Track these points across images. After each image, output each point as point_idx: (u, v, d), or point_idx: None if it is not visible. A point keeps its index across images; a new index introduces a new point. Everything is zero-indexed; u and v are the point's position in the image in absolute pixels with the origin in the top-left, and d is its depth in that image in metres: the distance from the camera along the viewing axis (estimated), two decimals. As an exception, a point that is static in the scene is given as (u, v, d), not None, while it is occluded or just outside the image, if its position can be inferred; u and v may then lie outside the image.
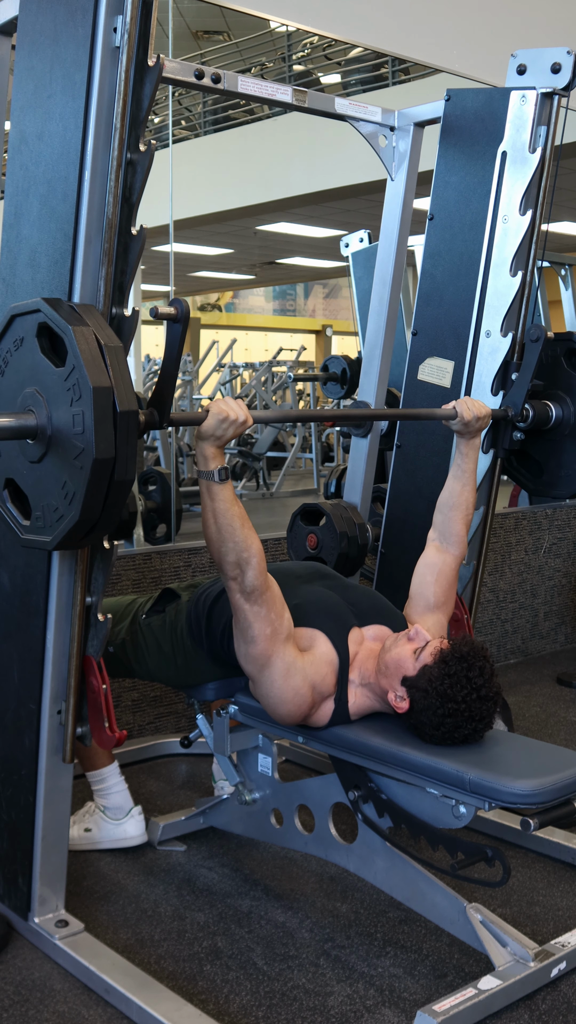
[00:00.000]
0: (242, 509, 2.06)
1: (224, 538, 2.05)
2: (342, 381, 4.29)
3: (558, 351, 2.78)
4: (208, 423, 2.01)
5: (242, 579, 2.07)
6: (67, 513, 1.79)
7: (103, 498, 1.78)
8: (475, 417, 2.44)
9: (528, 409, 2.71)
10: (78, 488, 1.76)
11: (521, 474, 2.94)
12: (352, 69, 8.75)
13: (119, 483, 1.78)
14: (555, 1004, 2.04)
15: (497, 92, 2.69)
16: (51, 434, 1.80)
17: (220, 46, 10.09)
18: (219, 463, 2.04)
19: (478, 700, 2.07)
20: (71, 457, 1.77)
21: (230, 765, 2.51)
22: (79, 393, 1.73)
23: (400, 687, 2.12)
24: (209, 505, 2.05)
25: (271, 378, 11.35)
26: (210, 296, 18.60)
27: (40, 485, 1.86)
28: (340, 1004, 2.04)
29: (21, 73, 2.03)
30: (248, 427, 2.05)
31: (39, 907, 2.24)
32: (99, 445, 1.72)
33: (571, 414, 2.76)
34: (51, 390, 1.80)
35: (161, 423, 1.93)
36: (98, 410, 1.71)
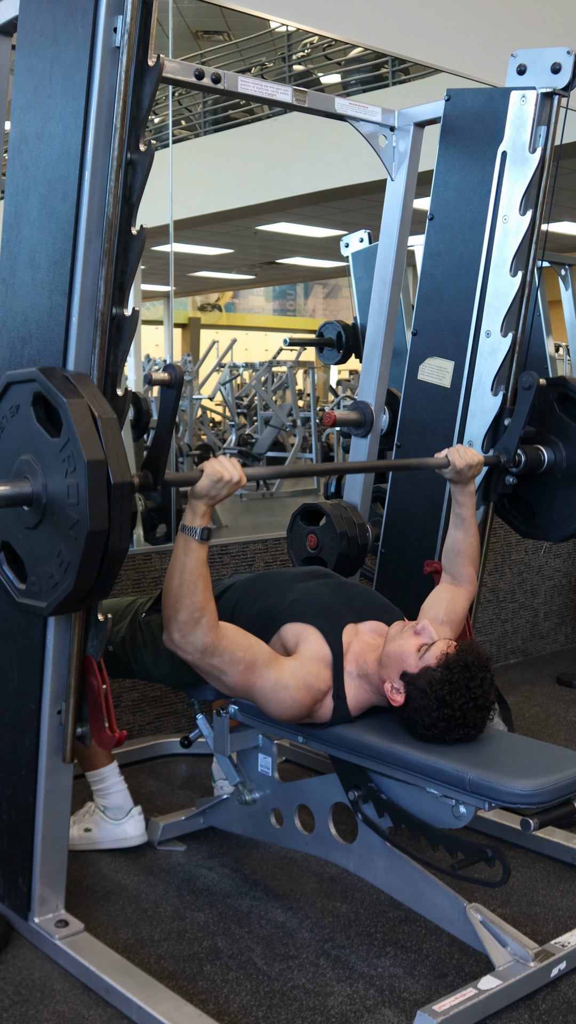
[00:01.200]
0: (208, 573, 2.08)
1: (183, 595, 2.05)
2: (338, 346, 4.30)
3: (551, 396, 2.82)
4: (202, 484, 2.03)
5: (191, 638, 2.06)
6: (62, 582, 1.82)
7: (97, 568, 1.80)
8: (467, 465, 2.46)
9: (520, 455, 2.75)
10: (73, 558, 1.78)
11: (514, 516, 2.98)
12: (352, 69, 8.75)
13: (113, 553, 1.80)
14: (555, 1004, 2.04)
15: (497, 92, 2.69)
16: (46, 502, 1.83)
17: (220, 46, 10.09)
18: (206, 522, 2.06)
19: (474, 709, 2.07)
20: (66, 527, 1.79)
21: (230, 765, 2.51)
22: (74, 465, 1.75)
23: (398, 680, 2.12)
24: (181, 559, 2.05)
25: (271, 378, 11.35)
26: (210, 296, 18.60)
27: (36, 551, 1.88)
28: (340, 1004, 2.04)
29: (21, 73, 2.03)
30: (242, 486, 2.08)
31: (39, 907, 2.24)
32: (93, 517, 1.75)
33: (563, 458, 2.80)
34: (46, 459, 1.82)
35: (155, 486, 1.96)
36: (92, 482, 1.74)
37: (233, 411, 10.79)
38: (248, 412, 11.24)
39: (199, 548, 2.05)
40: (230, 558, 3.62)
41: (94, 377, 1.94)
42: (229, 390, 10.88)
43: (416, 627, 2.15)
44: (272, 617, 2.29)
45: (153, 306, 11.20)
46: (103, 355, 1.94)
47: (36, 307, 2.01)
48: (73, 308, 1.93)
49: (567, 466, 2.79)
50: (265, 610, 2.32)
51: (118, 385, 1.96)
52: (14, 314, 2.08)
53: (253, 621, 2.32)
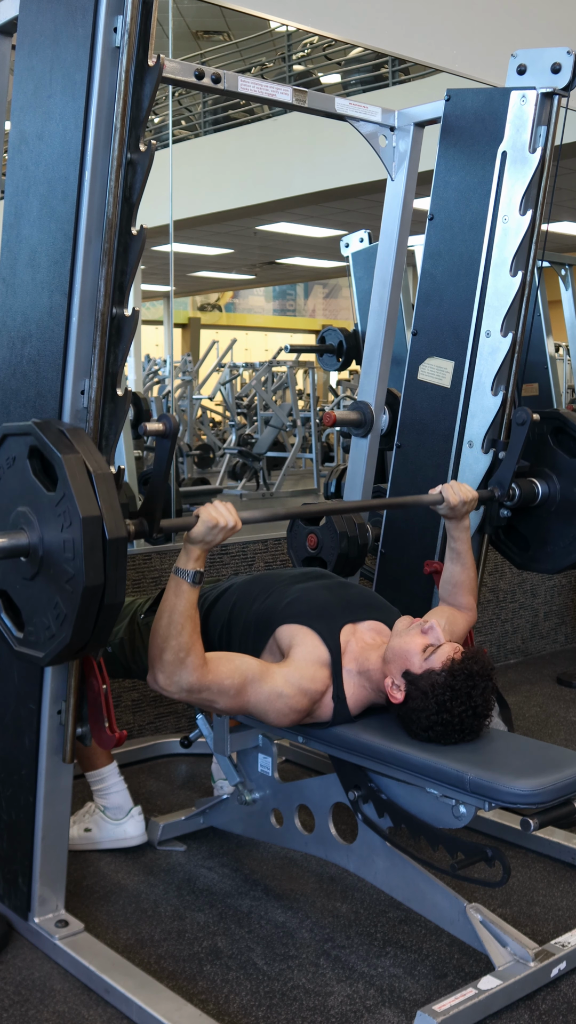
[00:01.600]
0: (196, 616, 2.08)
1: (170, 635, 2.05)
2: (338, 353, 4.30)
3: (545, 429, 2.84)
4: (198, 530, 2.04)
5: (176, 678, 2.06)
6: (59, 634, 1.84)
7: (94, 621, 1.82)
8: (461, 501, 2.47)
9: (515, 488, 2.76)
10: (69, 611, 1.80)
11: (508, 547, 3.00)
12: (352, 69, 8.75)
13: (109, 606, 1.82)
14: (555, 1004, 2.04)
15: (497, 92, 2.69)
16: (43, 555, 1.84)
17: (220, 46, 10.09)
18: (199, 566, 2.07)
19: (472, 717, 2.08)
20: (62, 580, 1.81)
21: (230, 765, 2.51)
22: (69, 520, 1.77)
23: (400, 678, 2.12)
24: (171, 601, 2.06)
25: (271, 378, 11.35)
26: (210, 296, 18.59)
27: (33, 602, 1.90)
28: (340, 1004, 2.04)
29: (21, 73, 2.03)
30: (237, 531, 2.09)
31: (39, 907, 2.24)
32: (89, 572, 1.77)
33: (557, 491, 2.82)
34: (43, 512, 1.84)
35: (151, 533, 1.98)
36: (88, 538, 1.76)
37: (233, 411, 10.79)
38: (248, 412, 11.24)
39: (190, 591, 2.06)
40: (230, 558, 3.62)
41: (94, 377, 1.94)
42: (229, 390, 10.88)
43: (424, 626, 2.15)
44: (269, 618, 2.29)
45: (153, 306, 11.21)
46: (103, 355, 1.94)
47: (36, 307, 2.01)
48: (73, 308, 1.93)
49: (561, 499, 2.82)
50: (262, 611, 2.32)
51: (118, 385, 1.96)
52: (14, 314, 2.08)
53: (251, 622, 2.32)
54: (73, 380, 1.95)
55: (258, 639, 2.29)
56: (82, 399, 1.97)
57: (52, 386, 1.98)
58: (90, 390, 1.95)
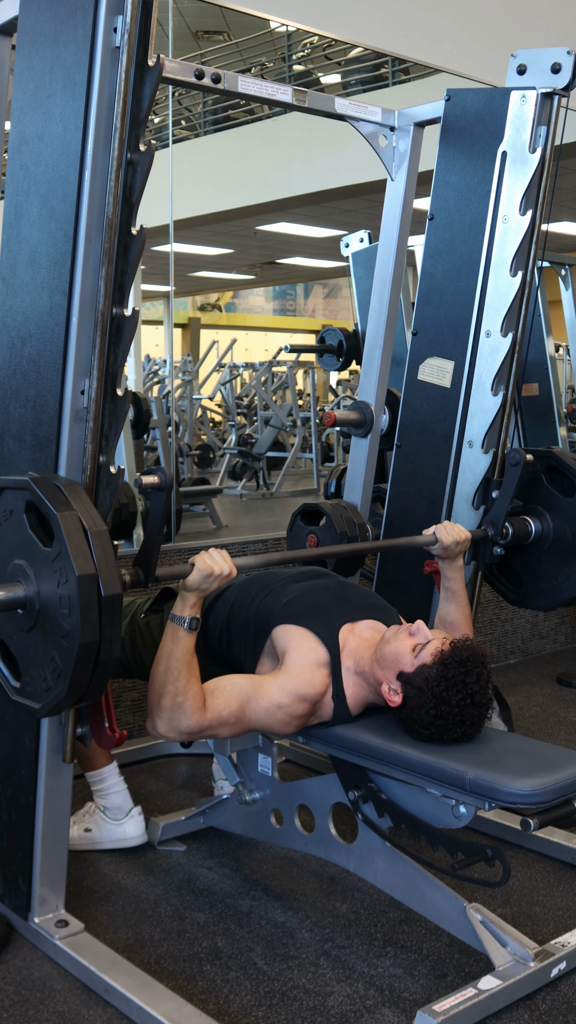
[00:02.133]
0: (194, 661, 2.09)
1: (167, 681, 2.07)
2: (338, 353, 4.31)
3: (538, 468, 2.86)
4: (193, 578, 2.06)
5: (175, 724, 2.08)
6: (55, 687, 1.85)
7: (89, 676, 1.84)
8: (455, 542, 2.48)
9: (508, 527, 2.78)
10: (65, 666, 1.81)
11: (502, 584, 3.01)
12: (352, 69, 8.74)
13: (104, 662, 1.84)
14: (555, 1004, 2.04)
15: (497, 92, 2.69)
16: (39, 608, 1.86)
17: (220, 46, 10.08)
18: (195, 613, 2.09)
19: (471, 706, 2.08)
20: (58, 635, 1.82)
21: (230, 765, 2.51)
22: (66, 577, 1.79)
23: (395, 681, 2.13)
24: (168, 648, 2.08)
25: (271, 378, 11.35)
26: (210, 296, 18.59)
27: (30, 653, 1.91)
28: (340, 1004, 2.04)
29: (21, 73, 2.03)
30: (232, 578, 2.10)
31: (39, 907, 2.24)
32: (84, 629, 1.78)
33: (550, 529, 2.84)
34: (39, 567, 1.85)
35: (146, 583, 2.00)
36: (83, 596, 1.77)
37: (233, 411, 10.79)
38: (248, 412, 11.24)
39: (187, 637, 2.08)
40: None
41: (94, 377, 1.94)
42: (229, 390, 10.88)
43: (411, 628, 2.16)
44: (266, 618, 2.29)
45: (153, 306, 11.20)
46: (103, 355, 1.94)
47: (36, 307, 2.01)
48: (73, 308, 1.93)
49: (554, 537, 2.84)
50: (260, 611, 2.32)
51: (118, 385, 1.97)
52: (14, 314, 2.08)
53: (249, 621, 2.32)
54: (73, 380, 1.95)
55: (257, 639, 2.30)
56: (82, 399, 1.97)
57: (52, 386, 1.99)
58: (90, 390, 1.95)
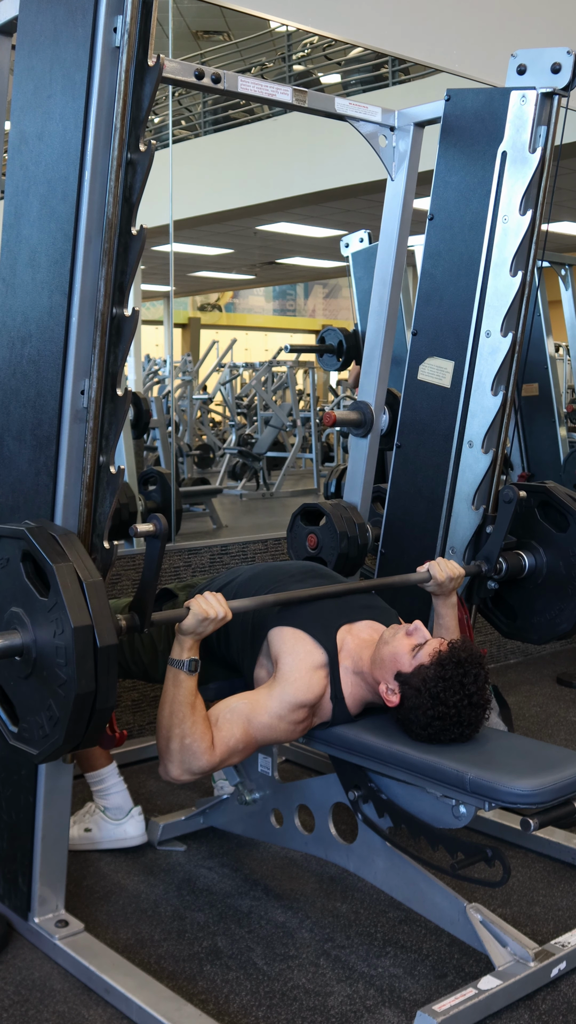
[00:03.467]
0: (201, 704, 2.10)
1: (174, 724, 2.08)
2: (338, 353, 4.31)
3: (532, 503, 2.86)
4: (188, 622, 2.07)
5: (187, 766, 2.08)
6: (52, 735, 1.87)
7: (85, 725, 1.85)
8: (448, 578, 2.48)
9: (502, 563, 2.79)
10: (62, 715, 1.83)
11: (496, 617, 3.01)
12: (352, 69, 8.74)
13: (101, 711, 1.85)
14: (555, 1004, 2.04)
15: (497, 92, 2.69)
16: (35, 656, 1.87)
17: (220, 46, 10.08)
18: (192, 655, 2.10)
19: (469, 707, 2.08)
20: (55, 684, 1.83)
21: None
22: (62, 628, 1.80)
23: (393, 681, 2.13)
24: (171, 692, 2.09)
25: (271, 378, 11.34)
26: (210, 296, 18.59)
27: (27, 700, 1.92)
28: (340, 1004, 2.04)
29: (21, 73, 2.03)
30: (227, 621, 2.11)
31: (39, 907, 2.24)
32: (81, 679, 1.79)
33: (544, 564, 2.84)
34: (36, 616, 1.87)
35: (142, 628, 2.02)
36: (79, 647, 1.78)
37: (233, 411, 10.79)
38: (248, 412, 11.24)
39: (188, 679, 2.09)
40: (230, 558, 3.62)
41: (94, 377, 1.94)
42: (229, 390, 10.88)
43: (408, 628, 2.16)
44: (263, 621, 2.30)
45: (153, 306, 11.20)
46: (103, 355, 1.95)
47: (36, 307, 2.01)
48: (73, 308, 1.93)
49: (548, 571, 2.84)
50: (258, 612, 2.31)
51: (118, 385, 1.97)
52: (14, 314, 2.08)
53: (247, 623, 2.33)
54: (73, 380, 1.96)
55: (254, 642, 2.30)
56: (82, 399, 1.97)
57: (52, 386, 1.99)
58: (90, 390, 1.95)
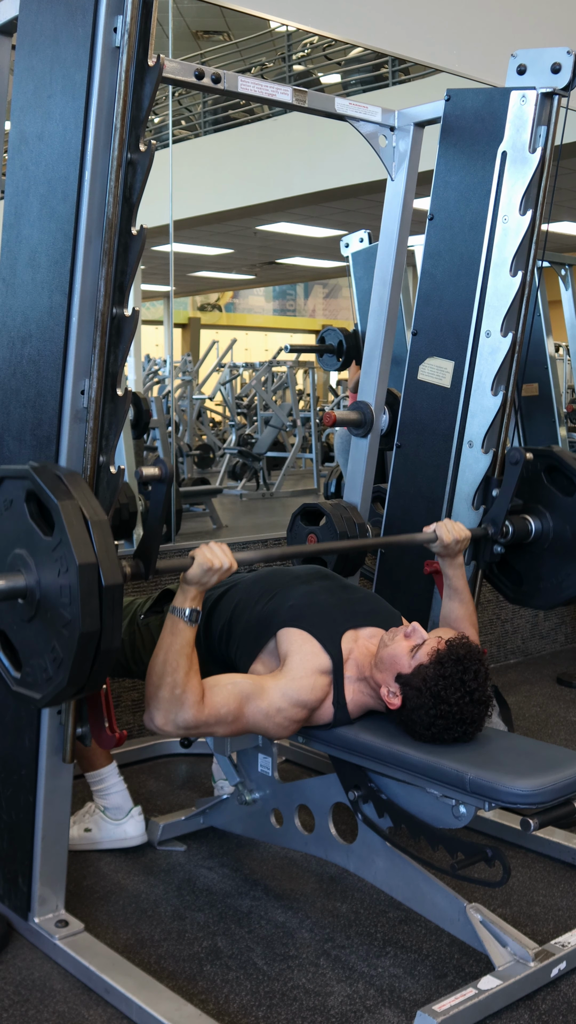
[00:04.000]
0: (193, 654, 2.08)
1: (166, 672, 2.06)
2: (338, 353, 4.32)
3: (538, 467, 2.85)
4: (193, 571, 2.06)
5: (172, 717, 2.07)
6: (55, 677, 1.85)
7: (90, 666, 1.83)
8: (455, 540, 2.47)
9: (508, 526, 2.78)
10: (66, 656, 1.81)
11: (502, 583, 3.01)
12: (352, 69, 8.74)
13: (105, 651, 1.83)
14: (555, 1004, 2.04)
15: (497, 92, 2.69)
16: (39, 598, 1.85)
17: (220, 46, 10.08)
18: (195, 605, 2.08)
19: (471, 704, 2.08)
20: (59, 624, 1.82)
21: (230, 765, 2.51)
22: (66, 566, 1.78)
23: (393, 683, 2.13)
24: (168, 640, 2.08)
25: (271, 378, 11.34)
26: (210, 296, 18.59)
27: (31, 643, 1.91)
28: (340, 1004, 2.04)
29: (21, 73, 2.03)
30: (232, 572, 2.09)
31: (39, 907, 2.24)
32: (85, 619, 1.77)
33: (550, 528, 2.83)
34: (40, 556, 1.85)
35: (147, 575, 2.00)
36: (84, 585, 1.77)
37: (233, 411, 10.79)
38: (248, 412, 11.24)
39: (187, 629, 2.07)
40: (230, 558, 3.61)
41: (94, 377, 1.94)
42: (229, 390, 10.88)
43: (406, 630, 2.16)
44: (269, 621, 2.29)
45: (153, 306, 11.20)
46: (103, 355, 1.94)
47: (36, 307, 2.01)
48: (73, 308, 1.93)
49: (554, 536, 2.83)
50: (264, 613, 2.32)
51: (118, 385, 1.97)
52: (14, 314, 2.08)
53: (252, 623, 2.32)
54: (73, 380, 1.95)
55: (258, 640, 2.30)
56: (82, 399, 1.97)
57: (52, 386, 1.99)
58: (90, 390, 1.95)
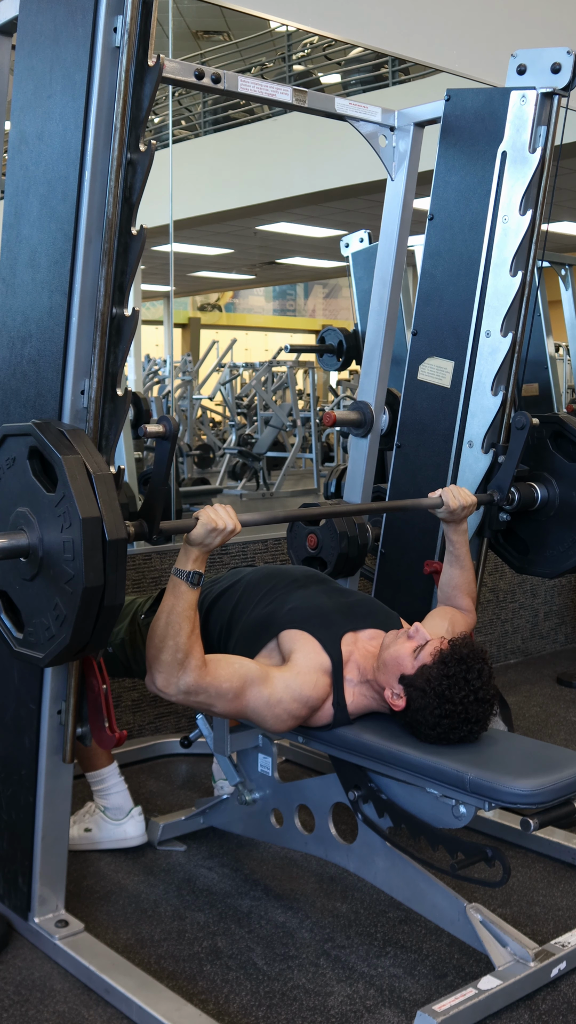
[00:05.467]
0: (195, 617, 2.07)
1: (168, 635, 2.05)
2: (338, 353, 4.32)
3: (544, 433, 2.84)
4: (197, 532, 2.04)
5: (174, 679, 2.05)
6: (58, 635, 1.84)
7: (93, 622, 1.82)
8: (461, 506, 2.48)
9: (514, 492, 2.77)
10: (69, 612, 1.80)
11: (507, 551, 3.00)
12: (352, 69, 8.75)
13: (108, 608, 1.82)
14: (555, 1004, 2.04)
15: (497, 92, 2.69)
16: (42, 555, 1.85)
17: (220, 46, 10.08)
18: (198, 567, 2.07)
19: (475, 703, 2.07)
20: (62, 581, 1.81)
21: (230, 765, 2.51)
22: (69, 521, 1.78)
23: (397, 685, 2.13)
24: (170, 602, 2.07)
25: (271, 378, 11.34)
26: (210, 296, 18.59)
27: (33, 603, 1.90)
28: (340, 1004, 2.04)
29: (21, 73, 2.03)
30: (236, 534, 2.08)
31: (39, 907, 2.24)
32: (88, 573, 1.77)
33: (556, 495, 2.82)
34: (42, 513, 1.84)
35: (151, 535, 1.98)
36: (87, 539, 1.76)
37: (233, 411, 10.80)
38: (248, 412, 11.24)
39: (189, 592, 2.06)
40: (230, 558, 3.62)
41: (94, 377, 1.94)
42: (229, 390, 10.88)
43: (408, 631, 2.16)
44: (270, 623, 2.29)
45: (153, 306, 11.21)
46: (103, 355, 1.94)
47: (36, 307, 2.01)
48: (73, 308, 1.93)
49: (560, 503, 2.82)
50: (263, 616, 2.32)
51: (118, 385, 1.97)
52: (14, 314, 2.08)
53: (250, 625, 2.32)
54: (73, 380, 1.95)
55: (257, 641, 2.30)
56: (82, 399, 1.97)
57: (52, 386, 1.98)
58: (90, 390, 1.95)
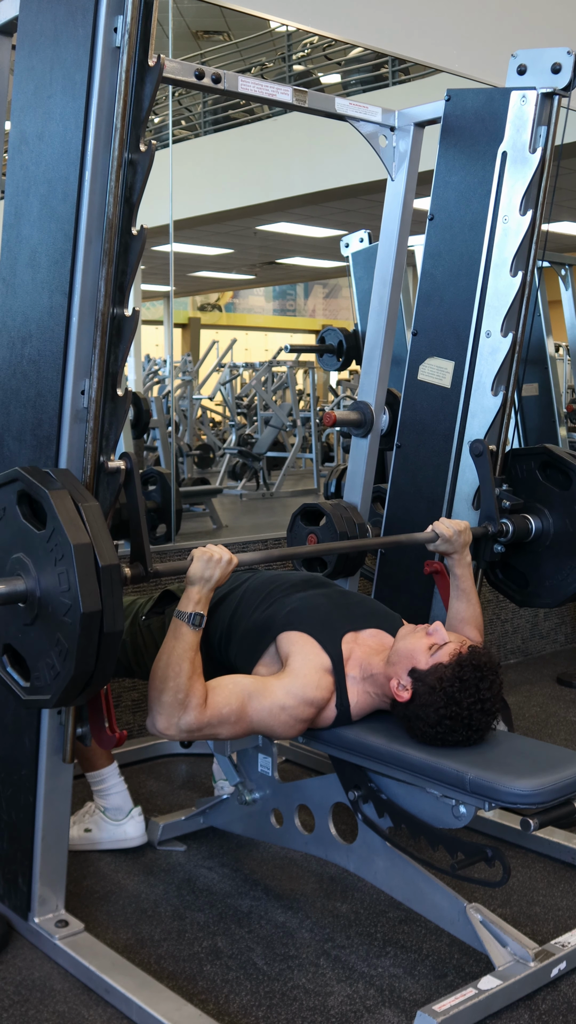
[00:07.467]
0: (197, 658, 2.07)
1: (168, 676, 2.05)
2: (338, 353, 4.32)
3: (532, 464, 2.84)
4: (194, 568, 2.06)
5: (175, 721, 2.06)
6: (63, 670, 1.85)
7: (95, 651, 1.83)
8: (456, 532, 2.46)
9: (507, 524, 2.77)
10: (71, 644, 1.81)
11: (507, 585, 3.00)
12: (352, 69, 8.74)
13: (109, 635, 1.83)
14: (555, 1004, 2.04)
15: (497, 92, 2.69)
16: (40, 596, 1.86)
17: (220, 46, 10.08)
18: (200, 609, 2.07)
19: (480, 712, 2.08)
20: (61, 615, 1.82)
21: (230, 765, 2.51)
22: (61, 553, 1.79)
23: (406, 677, 2.12)
24: (171, 643, 2.07)
25: (271, 378, 11.34)
26: (210, 296, 18.59)
27: (35, 646, 1.91)
28: (340, 1004, 2.04)
29: (21, 73, 2.03)
30: (234, 566, 2.08)
31: (39, 907, 2.24)
32: (85, 600, 1.78)
33: (550, 525, 2.82)
34: (36, 553, 1.86)
35: (147, 576, 2.00)
36: (80, 566, 1.78)
37: (233, 411, 10.79)
38: (248, 412, 11.24)
39: (190, 634, 2.07)
40: (230, 558, 3.62)
41: (94, 377, 1.94)
42: (229, 390, 10.88)
43: (428, 628, 2.16)
44: (269, 626, 2.29)
45: (153, 306, 11.20)
46: (103, 355, 1.95)
47: (36, 307, 2.01)
48: (73, 308, 1.93)
49: (555, 532, 2.82)
50: (263, 619, 2.32)
51: (118, 385, 1.97)
52: (14, 314, 2.08)
53: (250, 629, 2.33)
54: (73, 380, 1.96)
55: (257, 644, 2.30)
56: (82, 399, 1.97)
57: (52, 386, 1.99)
58: (90, 390, 1.96)
